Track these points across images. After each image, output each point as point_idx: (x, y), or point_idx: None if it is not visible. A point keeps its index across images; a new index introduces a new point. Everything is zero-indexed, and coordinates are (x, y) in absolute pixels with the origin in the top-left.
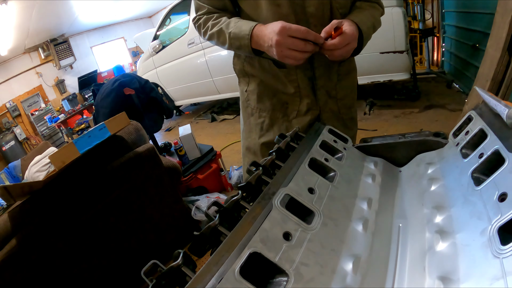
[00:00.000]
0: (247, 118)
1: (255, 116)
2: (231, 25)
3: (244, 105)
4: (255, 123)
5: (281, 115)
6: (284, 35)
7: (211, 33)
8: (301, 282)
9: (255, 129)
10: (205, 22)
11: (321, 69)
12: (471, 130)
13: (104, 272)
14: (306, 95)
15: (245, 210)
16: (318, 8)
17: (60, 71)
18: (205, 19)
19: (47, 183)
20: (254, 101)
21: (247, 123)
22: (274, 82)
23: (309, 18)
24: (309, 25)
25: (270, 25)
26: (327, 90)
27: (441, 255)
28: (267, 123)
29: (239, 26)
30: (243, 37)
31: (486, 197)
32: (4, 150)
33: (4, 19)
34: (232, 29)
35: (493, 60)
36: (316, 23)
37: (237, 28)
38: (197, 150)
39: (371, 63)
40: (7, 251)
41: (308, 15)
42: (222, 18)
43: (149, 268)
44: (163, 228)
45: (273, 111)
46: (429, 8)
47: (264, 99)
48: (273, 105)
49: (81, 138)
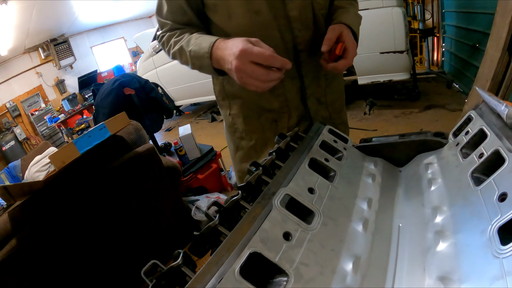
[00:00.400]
0: (238, 142)
1: (246, 139)
2: (191, 42)
3: (231, 130)
4: (248, 146)
5: (272, 134)
6: (245, 60)
7: (173, 52)
8: (301, 282)
9: (250, 152)
10: (168, 40)
11: (310, 76)
12: (471, 130)
13: (104, 272)
14: (295, 108)
15: (245, 210)
16: (301, 12)
17: (60, 71)
18: (168, 36)
19: (47, 183)
20: (241, 124)
21: (240, 148)
22: (258, 100)
23: (293, 23)
24: (292, 30)
25: (230, 42)
26: (317, 97)
27: (441, 255)
28: (260, 145)
29: (199, 43)
30: (203, 56)
31: (486, 197)
32: (4, 150)
33: (4, 19)
34: (192, 47)
35: (493, 60)
36: (300, 27)
37: (196, 45)
38: (197, 150)
39: (371, 63)
40: (7, 251)
41: (291, 20)
42: (185, 34)
43: (149, 268)
44: (163, 228)
45: (263, 132)
46: (429, 8)
47: (252, 121)
48: (262, 125)
49: (81, 138)
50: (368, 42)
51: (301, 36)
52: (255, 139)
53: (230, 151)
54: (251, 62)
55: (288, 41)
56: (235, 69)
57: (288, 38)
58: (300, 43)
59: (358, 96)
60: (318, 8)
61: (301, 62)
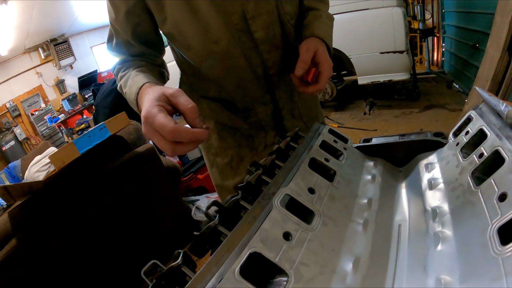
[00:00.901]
0: (213, 159)
1: (221, 156)
2: (128, 82)
3: (205, 146)
4: (223, 163)
5: (248, 150)
6: (148, 127)
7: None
8: (301, 282)
9: (225, 169)
10: (116, 73)
11: (283, 96)
12: (471, 130)
13: (104, 272)
14: (270, 127)
15: (245, 210)
16: (268, 31)
17: (60, 71)
18: (117, 69)
19: (47, 183)
20: (215, 140)
21: (215, 165)
22: (230, 122)
23: (260, 46)
24: (260, 53)
25: (145, 97)
26: (292, 112)
27: (441, 255)
28: (236, 161)
29: (131, 85)
30: (132, 102)
31: (486, 197)
32: (4, 150)
33: (4, 19)
34: (126, 89)
35: (493, 60)
36: (269, 48)
37: (129, 87)
38: (197, 150)
39: (371, 63)
40: (7, 251)
41: (257, 42)
42: (129, 70)
43: (149, 268)
44: (163, 228)
45: (239, 148)
46: (429, 8)
47: (226, 137)
48: (237, 141)
49: (81, 138)
50: (368, 42)
51: (270, 59)
52: (231, 156)
53: (207, 166)
54: (155, 131)
55: (257, 66)
56: (144, 133)
57: (256, 63)
58: (271, 66)
59: (358, 96)
60: (287, 20)
61: (274, 86)
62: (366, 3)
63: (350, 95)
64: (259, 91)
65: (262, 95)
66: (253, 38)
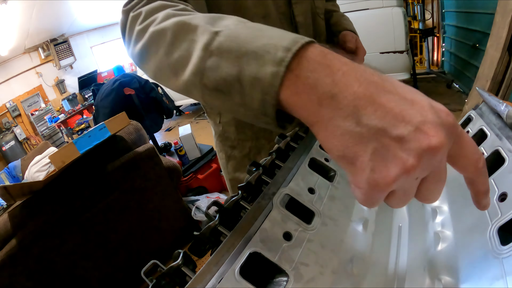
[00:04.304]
0: (230, 151)
1: (239, 148)
2: (226, 21)
3: (221, 138)
4: (241, 155)
5: (266, 141)
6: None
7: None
8: (301, 282)
9: (243, 161)
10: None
11: None
12: (471, 130)
13: (104, 272)
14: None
15: (245, 210)
16: (305, 17)
17: (60, 71)
18: (159, 5)
19: (47, 183)
20: (233, 133)
21: (232, 157)
22: None
23: (299, 29)
24: None
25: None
26: None
27: (441, 255)
28: (254, 153)
29: (258, 28)
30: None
31: None
32: (4, 150)
33: (4, 19)
34: (226, 29)
35: (493, 60)
36: (305, 33)
37: (250, 28)
38: (197, 150)
39: (371, 63)
40: (7, 251)
41: (298, 25)
42: (199, 14)
43: (149, 268)
44: (163, 228)
45: (257, 140)
46: (429, 8)
47: (245, 129)
48: (256, 133)
49: (81, 138)
50: (368, 42)
51: None
52: (249, 148)
53: (221, 160)
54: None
55: None
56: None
57: None
58: None
59: None
60: (318, 13)
61: None
62: (366, 3)
63: None
64: None
65: None
66: (293, 22)
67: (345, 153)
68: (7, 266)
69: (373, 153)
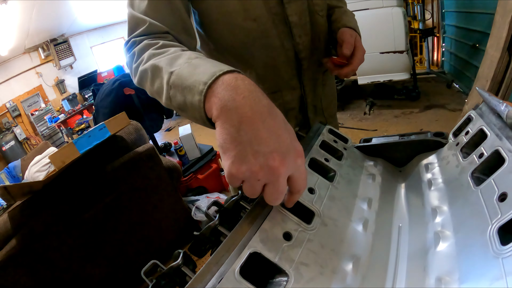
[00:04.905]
0: None
1: None
2: (180, 60)
3: None
4: None
5: None
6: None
7: (142, 70)
8: (301, 282)
9: None
10: (142, 49)
11: (309, 84)
12: (471, 130)
13: (104, 272)
14: (293, 117)
15: (245, 210)
16: (301, 16)
17: (60, 71)
18: (144, 45)
19: (47, 183)
20: None
21: None
22: None
23: (293, 29)
24: (293, 36)
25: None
26: (314, 104)
27: (441, 255)
28: None
29: (196, 64)
30: (194, 87)
31: (486, 197)
32: (4, 150)
33: (4, 19)
34: (178, 68)
35: (493, 60)
36: (300, 33)
37: (191, 66)
38: (197, 150)
39: (371, 63)
40: (7, 251)
41: (291, 25)
42: (171, 48)
43: (149, 268)
44: (163, 228)
45: None
46: (429, 8)
47: None
48: None
49: (81, 138)
50: (368, 42)
51: (301, 43)
52: None
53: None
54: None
55: (288, 49)
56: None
57: (288, 46)
58: (301, 50)
59: (358, 96)
60: (317, 11)
61: (303, 70)
62: (366, 3)
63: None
64: (288, 73)
65: (291, 78)
66: (286, 22)
67: (223, 145)
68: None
69: (238, 152)
